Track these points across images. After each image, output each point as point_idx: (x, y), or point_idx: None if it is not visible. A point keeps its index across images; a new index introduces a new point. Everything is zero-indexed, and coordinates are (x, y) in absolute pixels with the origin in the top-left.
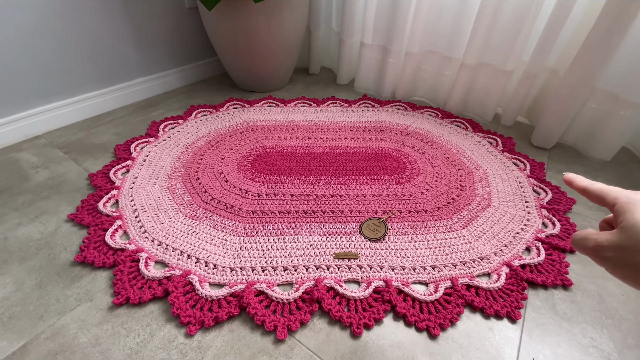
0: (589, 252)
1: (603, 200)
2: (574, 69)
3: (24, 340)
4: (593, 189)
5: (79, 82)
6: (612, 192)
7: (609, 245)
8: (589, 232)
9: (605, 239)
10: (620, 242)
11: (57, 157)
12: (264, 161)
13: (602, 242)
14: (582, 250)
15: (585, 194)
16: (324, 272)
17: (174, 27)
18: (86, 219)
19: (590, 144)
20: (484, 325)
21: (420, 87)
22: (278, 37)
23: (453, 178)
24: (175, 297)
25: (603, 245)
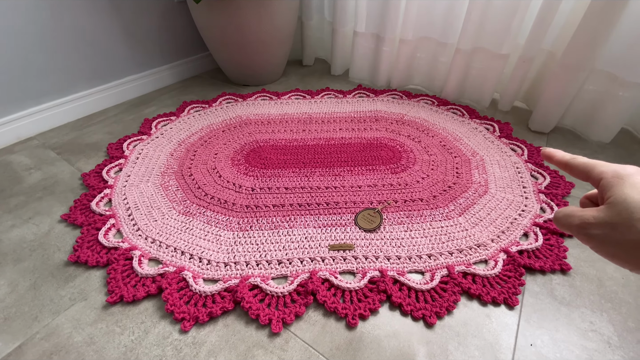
0: (573, 230)
1: (587, 175)
2: (571, 50)
3: (19, 341)
4: (576, 163)
5: (69, 81)
6: (597, 166)
7: (596, 222)
8: (572, 209)
9: (592, 215)
10: (608, 218)
11: (49, 158)
12: (257, 155)
13: (588, 218)
14: (566, 228)
15: (567, 169)
16: (319, 264)
17: (164, 22)
18: (79, 218)
19: (589, 127)
20: (481, 313)
21: (416, 75)
22: (269, 29)
23: (449, 166)
24: (169, 293)
25: (590, 222)
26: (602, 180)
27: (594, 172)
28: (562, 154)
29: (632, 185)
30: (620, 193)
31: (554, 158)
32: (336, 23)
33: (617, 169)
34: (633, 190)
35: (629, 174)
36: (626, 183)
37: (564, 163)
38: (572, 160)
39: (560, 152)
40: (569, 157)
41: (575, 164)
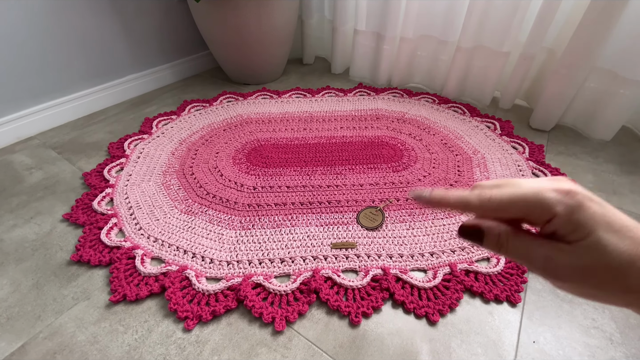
0: (531, 266)
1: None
2: (572, 48)
3: (22, 341)
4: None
5: (70, 81)
6: (538, 201)
7: (572, 268)
8: (510, 235)
9: (567, 261)
10: (586, 264)
11: (50, 157)
12: (259, 154)
13: (563, 264)
14: (514, 256)
15: (475, 211)
16: (322, 262)
17: (164, 21)
18: (81, 218)
19: (590, 125)
20: (483, 310)
21: (416, 73)
22: (269, 27)
23: (451, 164)
24: (172, 292)
25: (565, 268)
26: (556, 219)
27: (536, 211)
28: (462, 194)
29: (595, 220)
30: (591, 236)
31: (448, 201)
32: (336, 21)
33: (565, 202)
34: (600, 227)
35: (580, 205)
36: (588, 219)
37: (474, 208)
38: (490, 201)
39: (457, 193)
40: (481, 199)
41: (499, 204)
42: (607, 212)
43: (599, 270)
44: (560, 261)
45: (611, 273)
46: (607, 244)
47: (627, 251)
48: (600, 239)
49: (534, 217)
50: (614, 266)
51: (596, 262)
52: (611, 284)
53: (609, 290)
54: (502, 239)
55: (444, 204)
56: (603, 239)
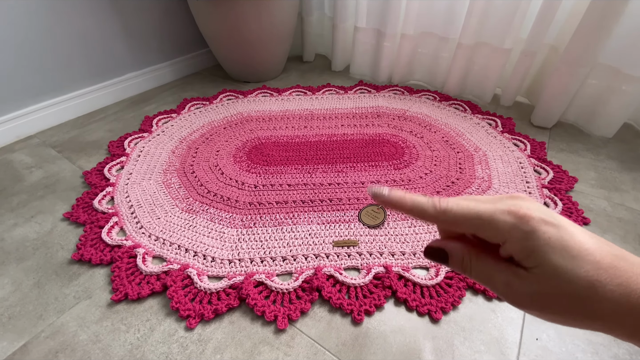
0: (494, 290)
1: (475, 230)
2: (573, 44)
3: (24, 340)
4: (455, 213)
5: (69, 79)
6: (487, 222)
7: (529, 295)
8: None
9: (524, 288)
10: (544, 292)
11: (50, 156)
12: (259, 152)
13: (521, 291)
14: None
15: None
16: (324, 260)
17: (163, 19)
18: (82, 217)
19: (591, 121)
20: (486, 308)
21: (417, 71)
22: (269, 25)
23: (452, 161)
24: (173, 291)
25: (523, 294)
26: (509, 244)
27: (487, 232)
28: (420, 200)
29: (550, 246)
30: (546, 263)
31: (404, 204)
32: (336, 18)
33: (519, 225)
34: (555, 254)
35: (534, 231)
36: (542, 246)
37: (427, 217)
38: (444, 214)
39: (415, 198)
40: (436, 210)
41: (454, 218)
42: (564, 235)
43: (558, 297)
44: (518, 288)
45: (570, 301)
46: (563, 271)
47: (585, 277)
48: (556, 266)
49: (488, 236)
50: (572, 294)
51: (553, 289)
52: (572, 311)
53: (572, 317)
54: (466, 262)
55: (399, 207)
56: (559, 266)
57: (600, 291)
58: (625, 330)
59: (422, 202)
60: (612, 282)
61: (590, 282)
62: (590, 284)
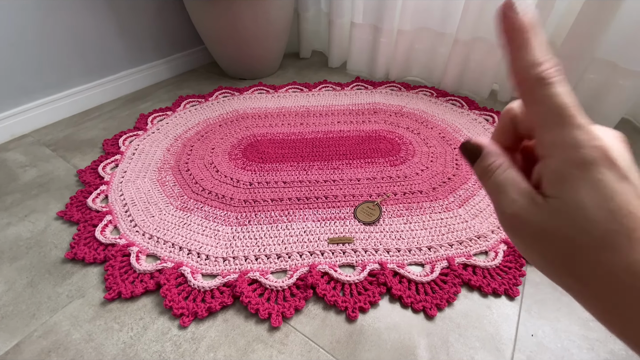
0: (496, 207)
1: (543, 123)
2: (571, 39)
3: (16, 339)
4: (544, 92)
5: (64, 77)
6: (560, 123)
7: (529, 223)
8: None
9: (529, 213)
10: (546, 227)
11: (44, 155)
12: (255, 149)
13: (522, 215)
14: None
15: (517, 77)
16: (318, 257)
17: (158, 16)
18: (75, 215)
19: (589, 117)
20: (481, 304)
21: (414, 67)
22: (265, 21)
23: (449, 157)
24: (167, 289)
25: (522, 219)
26: (551, 160)
27: (550, 132)
28: (534, 51)
29: (594, 187)
30: (573, 198)
31: (519, 50)
32: (333, 14)
33: (583, 147)
34: (593, 197)
35: (593, 162)
36: (586, 180)
37: (521, 72)
38: (539, 83)
39: (534, 45)
40: (536, 74)
41: (542, 96)
42: (621, 189)
43: (559, 241)
44: (523, 210)
45: (570, 251)
46: (584, 215)
47: (605, 234)
48: (580, 205)
49: (545, 138)
50: (578, 245)
51: (559, 230)
52: (565, 264)
53: (557, 266)
54: (492, 167)
55: (521, 34)
56: (584, 207)
57: (607, 256)
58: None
59: (536, 53)
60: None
61: (604, 239)
62: (602, 243)
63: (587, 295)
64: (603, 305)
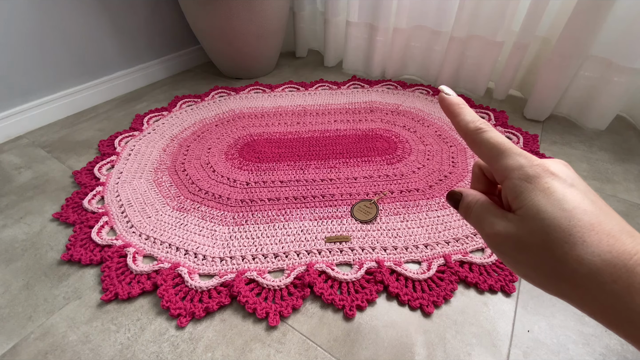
0: (482, 235)
1: (490, 161)
2: (565, 36)
3: (13, 342)
4: (481, 139)
5: (58, 78)
6: (504, 155)
7: (506, 237)
8: (482, 203)
9: (503, 226)
10: (521, 235)
11: (40, 156)
12: (252, 149)
13: (498, 229)
14: (469, 221)
15: (467, 140)
16: (315, 256)
17: (152, 15)
18: (71, 217)
19: (584, 114)
20: (478, 301)
21: (410, 65)
22: (260, 20)
23: (445, 155)
24: (164, 290)
25: (500, 235)
26: (507, 181)
27: (498, 163)
28: (466, 115)
29: (545, 193)
30: (531, 204)
31: (458, 116)
32: (328, 13)
33: (526, 167)
34: (547, 201)
35: (537, 175)
36: (536, 189)
37: (463, 130)
38: (476, 133)
39: (466, 112)
40: (473, 127)
41: (480, 140)
42: (567, 190)
43: (533, 246)
44: (499, 228)
45: (544, 252)
46: (546, 217)
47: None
48: (539, 209)
49: (496, 169)
50: (547, 245)
51: (531, 235)
52: (543, 265)
53: (542, 273)
54: (471, 204)
55: (452, 109)
56: (543, 210)
57: (579, 250)
58: (594, 304)
59: (468, 116)
60: (599, 247)
61: (571, 235)
62: (570, 239)
63: (582, 297)
64: (596, 303)
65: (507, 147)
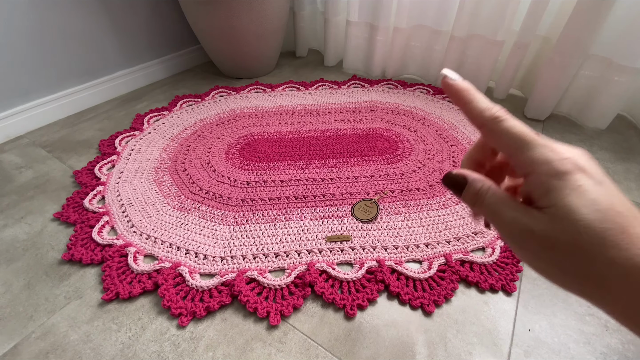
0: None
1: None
2: (566, 35)
3: (14, 341)
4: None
5: (58, 78)
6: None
7: (531, 233)
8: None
9: (529, 224)
10: (548, 234)
11: (40, 156)
12: (252, 148)
13: (524, 227)
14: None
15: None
16: (316, 256)
17: (153, 15)
18: (72, 216)
19: (585, 113)
20: (479, 300)
21: (411, 64)
22: (260, 19)
23: (445, 154)
24: (165, 289)
25: (525, 231)
26: (533, 177)
27: (522, 155)
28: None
29: (577, 192)
30: (562, 204)
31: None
32: (328, 12)
33: (554, 162)
34: (579, 201)
35: (568, 171)
36: (567, 187)
37: (477, 119)
38: (493, 122)
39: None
40: (489, 115)
41: (500, 130)
42: (600, 190)
43: (562, 245)
44: (524, 224)
45: (573, 252)
46: (578, 217)
47: (601, 232)
48: (572, 209)
49: (519, 163)
50: (578, 244)
51: (561, 233)
52: (571, 266)
53: (567, 273)
54: (482, 192)
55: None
56: (575, 210)
57: (611, 253)
58: (618, 304)
59: (482, 103)
60: (631, 251)
61: (604, 238)
62: (602, 241)
63: (607, 298)
64: (620, 303)
65: (531, 137)
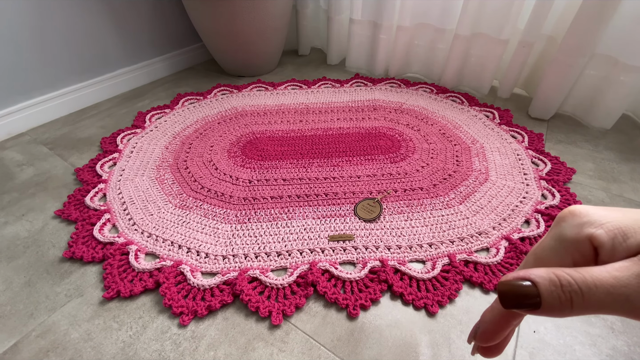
0: (611, 312)
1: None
2: (571, 35)
3: (14, 339)
4: (597, 291)
5: (60, 75)
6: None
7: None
8: (560, 274)
9: (624, 275)
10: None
11: (42, 153)
12: (254, 147)
13: (621, 279)
14: (590, 312)
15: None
16: (319, 255)
17: (155, 13)
18: (73, 214)
19: (589, 113)
20: (483, 301)
21: (414, 63)
22: (263, 17)
23: (449, 154)
24: (166, 288)
25: (628, 284)
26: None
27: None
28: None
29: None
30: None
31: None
32: (331, 11)
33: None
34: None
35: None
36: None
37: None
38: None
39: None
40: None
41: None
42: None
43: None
44: (628, 278)
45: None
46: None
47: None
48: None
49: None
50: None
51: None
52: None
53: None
54: (565, 290)
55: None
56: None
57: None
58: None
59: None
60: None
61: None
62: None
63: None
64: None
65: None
